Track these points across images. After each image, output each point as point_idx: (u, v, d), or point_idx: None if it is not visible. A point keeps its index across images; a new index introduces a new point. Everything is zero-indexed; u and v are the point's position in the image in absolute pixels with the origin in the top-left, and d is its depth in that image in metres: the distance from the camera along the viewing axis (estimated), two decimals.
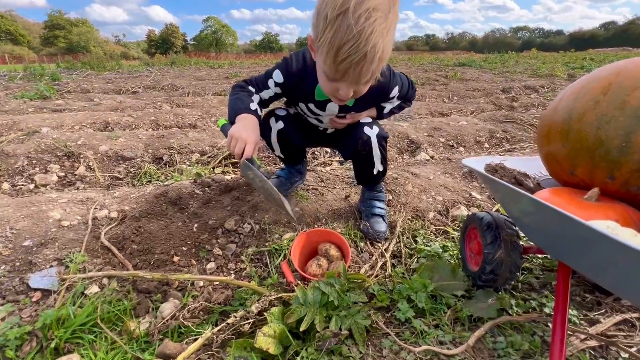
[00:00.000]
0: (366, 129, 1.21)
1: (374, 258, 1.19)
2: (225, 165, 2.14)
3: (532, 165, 1.03)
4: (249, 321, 0.77)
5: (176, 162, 2.11)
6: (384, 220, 1.34)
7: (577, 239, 0.59)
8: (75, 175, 1.95)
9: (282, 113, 1.29)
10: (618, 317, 0.85)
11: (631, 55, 18.71)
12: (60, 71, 9.46)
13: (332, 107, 1.17)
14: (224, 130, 1.06)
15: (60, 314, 0.87)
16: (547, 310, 0.89)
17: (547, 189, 0.83)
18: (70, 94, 5.30)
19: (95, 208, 1.33)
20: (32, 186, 1.83)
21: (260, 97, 1.14)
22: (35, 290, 0.98)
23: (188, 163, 2.14)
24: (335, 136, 1.39)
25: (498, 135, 2.96)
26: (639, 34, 53.60)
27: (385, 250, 1.23)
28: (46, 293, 0.98)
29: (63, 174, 1.96)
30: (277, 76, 1.12)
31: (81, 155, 2.06)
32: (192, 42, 57.69)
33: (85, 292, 0.99)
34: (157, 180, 1.89)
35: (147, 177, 1.91)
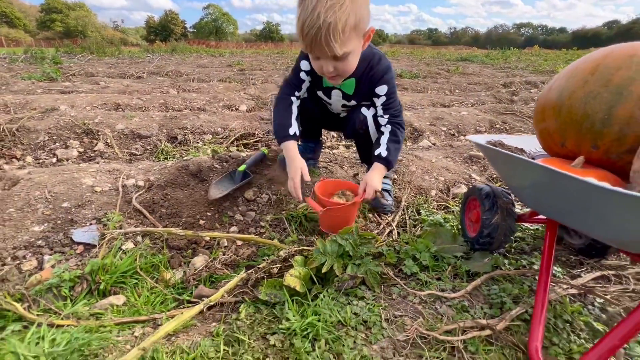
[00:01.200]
0: (363, 109, 1.32)
1: (381, 227, 1.30)
2: (238, 146, 2.24)
3: (528, 143, 1.14)
4: (277, 265, 0.89)
5: (190, 142, 2.20)
6: (390, 194, 1.45)
7: (564, 193, 0.70)
8: (95, 151, 2.04)
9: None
10: (597, 273, 0.97)
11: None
12: (60, 55, 9.41)
13: (336, 95, 1.30)
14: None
15: (104, 262, 0.98)
16: (535, 267, 1.01)
17: (538, 159, 0.95)
18: (75, 77, 5.34)
19: (123, 177, 1.43)
20: (54, 160, 1.92)
21: (300, 94, 1.29)
22: (79, 244, 1.09)
23: (202, 143, 2.23)
24: (345, 120, 1.48)
25: (498, 125, 3.06)
26: None
27: (392, 220, 1.34)
28: (88, 247, 1.09)
29: (82, 149, 2.05)
30: (304, 65, 1.22)
31: (99, 133, 2.15)
32: (192, 30, 56.96)
33: (122, 247, 1.10)
34: (174, 158, 1.98)
35: (163, 154, 2.01)
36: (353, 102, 1.32)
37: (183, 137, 2.23)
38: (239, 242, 1.16)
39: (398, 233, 1.27)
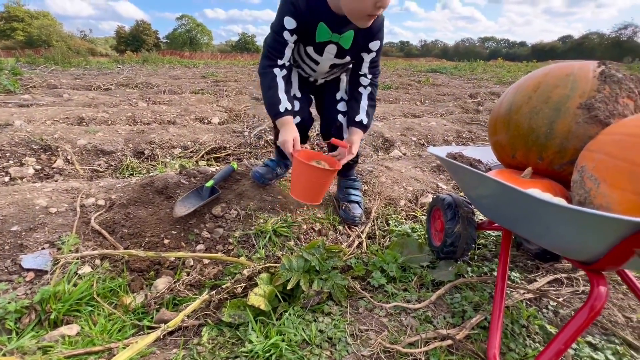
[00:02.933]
0: (340, 117, 1.34)
1: (351, 239, 1.31)
2: (208, 160, 2.19)
3: (485, 154, 1.20)
4: (241, 284, 0.87)
5: (158, 157, 2.14)
6: (359, 206, 1.47)
7: (511, 203, 0.74)
8: (53, 168, 1.93)
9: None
10: (551, 277, 1.02)
11: None
12: (20, 66, 8.89)
13: (330, 51, 1.19)
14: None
15: (57, 289, 0.92)
16: (496, 274, 1.05)
17: (493, 170, 1.00)
18: (36, 89, 5.06)
19: (82, 196, 1.36)
20: (7, 179, 1.80)
21: (284, 61, 1.15)
22: (29, 270, 1.01)
23: (170, 157, 2.17)
24: (320, 93, 1.43)
25: (464, 135, 3.20)
26: (592, 47, 58.38)
27: (362, 232, 1.36)
28: (39, 273, 1.02)
29: (40, 167, 1.93)
30: (289, 23, 1.09)
31: (59, 149, 2.04)
32: (165, 40, 55.91)
33: (78, 272, 1.03)
34: (140, 174, 1.91)
35: (129, 170, 1.94)
36: (346, 59, 1.24)
37: (150, 152, 2.16)
38: (206, 261, 1.13)
39: (367, 244, 1.29)
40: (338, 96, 1.39)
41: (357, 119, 1.25)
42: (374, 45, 1.23)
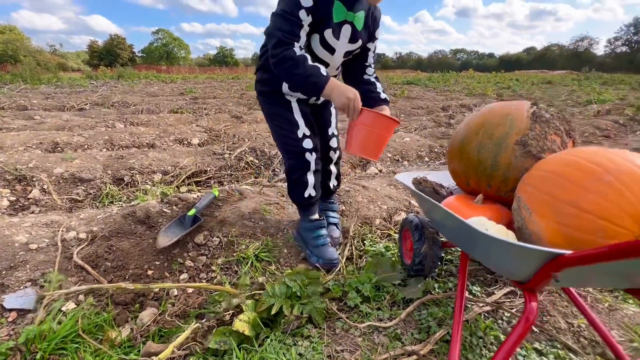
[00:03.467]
0: (331, 153, 1.44)
1: None
2: (189, 184, 2.23)
3: (448, 178, 1.32)
4: (229, 312, 0.92)
5: (138, 183, 2.15)
6: (337, 227, 1.56)
7: (459, 229, 0.85)
8: (29, 199, 1.91)
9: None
10: (507, 289, 1.14)
11: (548, 77, 21.79)
12: None
13: (345, 33, 1.14)
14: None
15: (41, 329, 0.94)
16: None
17: (453, 195, 1.11)
18: (4, 111, 4.89)
19: (62, 230, 1.37)
20: None
21: (302, 44, 1.06)
22: (11, 310, 1.02)
23: (151, 183, 2.19)
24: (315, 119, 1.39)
25: (436, 150, 3.39)
26: (554, 58, 62.54)
27: (341, 253, 1.44)
28: (22, 313, 1.03)
29: (14, 198, 1.91)
30: (306, 1, 1.00)
31: (34, 178, 2.02)
32: (141, 55, 55.00)
33: (63, 309, 1.05)
34: (120, 201, 1.92)
35: (109, 198, 1.94)
36: (357, 44, 1.20)
37: (130, 178, 2.18)
38: (190, 290, 1.17)
39: (344, 265, 1.37)
40: (330, 132, 1.46)
41: (382, 96, 1.29)
42: (378, 33, 1.24)
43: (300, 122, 1.26)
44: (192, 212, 1.45)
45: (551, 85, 13.91)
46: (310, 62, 1.03)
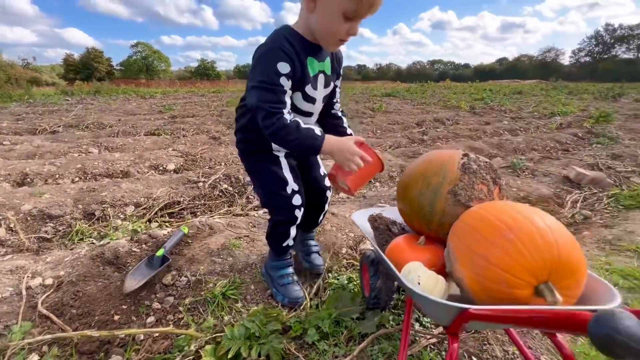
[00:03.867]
0: (328, 192, 1.49)
1: None
2: (162, 216, 2.25)
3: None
4: (190, 358, 0.98)
5: (109, 217, 2.16)
6: (319, 254, 1.63)
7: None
8: None
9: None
10: None
11: (519, 87, 22.93)
12: None
13: (321, 82, 1.20)
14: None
15: None
16: (412, 321, 1.25)
17: (401, 235, 1.21)
18: None
19: (27, 277, 1.38)
20: None
21: (289, 109, 1.08)
22: None
23: (122, 216, 2.20)
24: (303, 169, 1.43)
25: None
26: (524, 68, 65.92)
27: (306, 288, 1.51)
28: None
29: None
30: (284, 67, 1.03)
31: (0, 217, 1.99)
32: (119, 68, 54.04)
33: None
34: (90, 238, 1.93)
35: (78, 235, 1.94)
36: (330, 87, 1.27)
37: (102, 213, 2.18)
38: (156, 334, 1.21)
39: (310, 299, 1.44)
40: (321, 172, 1.50)
41: (348, 132, 1.38)
42: (341, 70, 1.31)
43: (289, 178, 1.28)
44: (160, 252, 1.49)
45: (521, 95, 14.64)
46: (302, 125, 1.06)
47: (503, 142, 4.65)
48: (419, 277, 0.88)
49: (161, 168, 3.35)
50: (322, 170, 1.54)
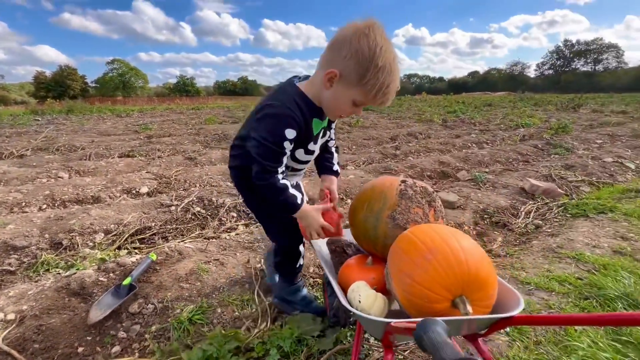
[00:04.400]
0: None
1: (259, 316, 1.52)
2: (132, 242, 2.26)
3: None
4: None
5: (78, 245, 2.16)
6: None
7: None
8: None
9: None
10: None
11: (490, 99, 24.18)
12: None
13: (321, 134, 1.31)
14: None
15: None
16: (366, 335, 1.34)
17: (354, 256, 1.32)
18: None
19: None
20: None
21: (282, 169, 1.18)
22: None
23: (91, 244, 2.20)
24: None
25: None
26: (494, 81, 69.63)
27: (273, 311, 1.57)
28: None
29: None
30: (290, 134, 1.12)
31: None
32: (94, 85, 52.81)
33: None
34: (57, 268, 1.92)
35: (44, 266, 1.93)
36: (327, 137, 1.38)
37: (69, 242, 2.17)
38: None
39: (274, 319, 1.50)
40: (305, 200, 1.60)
41: (334, 168, 1.48)
42: None
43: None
44: (127, 280, 1.52)
45: (491, 107, 15.45)
46: (290, 190, 1.18)
47: (469, 156, 4.92)
48: (360, 295, 0.98)
49: (134, 192, 3.34)
50: (306, 198, 1.59)
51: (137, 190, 3.38)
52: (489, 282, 0.88)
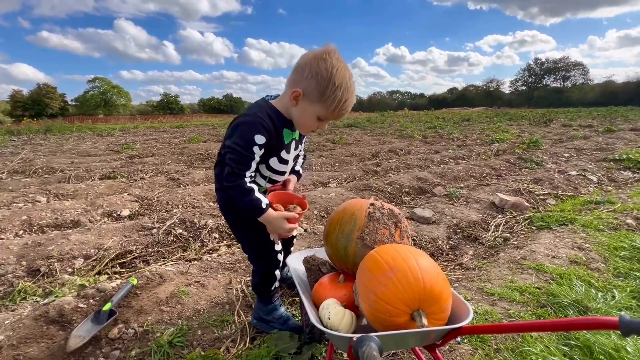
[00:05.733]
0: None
1: (238, 336, 1.57)
2: (113, 267, 2.27)
3: None
4: None
5: (57, 272, 2.14)
6: None
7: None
8: None
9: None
10: None
11: (468, 114, 25.22)
12: None
13: (293, 145, 1.41)
14: None
15: None
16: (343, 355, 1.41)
17: (327, 274, 1.41)
18: None
19: None
20: None
21: (251, 173, 1.26)
22: None
23: (70, 270, 2.19)
24: None
25: None
26: (472, 97, 72.80)
27: (248, 325, 1.62)
28: None
29: None
30: (260, 139, 1.22)
31: None
32: (74, 104, 51.77)
33: None
34: (35, 296, 1.91)
35: (21, 295, 1.91)
36: (300, 147, 1.50)
37: (48, 268, 2.16)
38: None
39: (253, 338, 1.55)
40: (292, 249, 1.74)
41: (297, 168, 1.58)
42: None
43: None
44: (107, 306, 1.54)
45: (469, 122, 16.12)
46: (256, 194, 1.25)
47: (446, 171, 5.14)
48: (329, 313, 1.07)
49: (115, 215, 3.33)
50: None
51: (118, 213, 3.37)
52: (443, 297, 0.98)
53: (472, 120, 17.47)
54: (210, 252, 2.53)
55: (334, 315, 1.06)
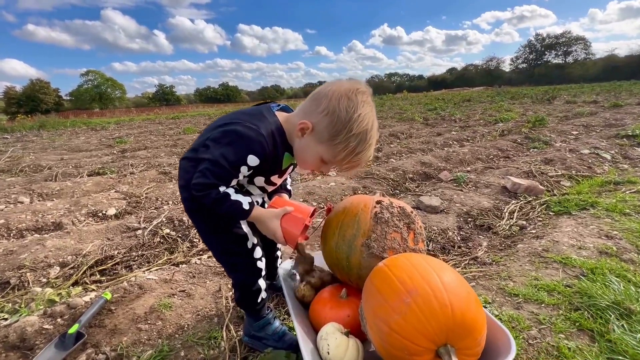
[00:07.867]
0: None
1: (227, 356, 1.36)
2: (92, 274, 2.06)
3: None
4: None
5: (29, 283, 1.93)
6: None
7: None
8: None
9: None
10: None
11: (469, 94, 24.66)
12: None
13: (289, 170, 1.24)
14: None
15: None
16: None
17: (327, 287, 1.18)
18: None
19: None
20: None
21: (228, 188, 1.06)
22: None
23: (45, 280, 1.98)
24: None
25: (359, 191, 3.58)
26: (472, 76, 71.31)
27: (239, 342, 1.42)
28: None
29: None
30: (253, 160, 1.03)
31: None
32: (68, 98, 50.90)
33: None
34: (1, 313, 1.70)
35: None
36: (294, 171, 1.33)
37: (18, 280, 1.95)
38: None
39: (244, 359, 1.35)
40: (279, 253, 1.51)
41: (288, 187, 1.40)
42: None
43: (248, 231, 1.19)
44: (73, 328, 1.33)
45: (470, 102, 15.70)
46: (232, 197, 1.04)
47: (451, 155, 4.88)
48: (328, 345, 0.85)
49: (100, 214, 3.11)
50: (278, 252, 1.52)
51: (104, 212, 3.15)
52: (477, 327, 0.75)
53: (473, 100, 17.01)
54: (200, 253, 2.31)
55: (334, 348, 0.84)
